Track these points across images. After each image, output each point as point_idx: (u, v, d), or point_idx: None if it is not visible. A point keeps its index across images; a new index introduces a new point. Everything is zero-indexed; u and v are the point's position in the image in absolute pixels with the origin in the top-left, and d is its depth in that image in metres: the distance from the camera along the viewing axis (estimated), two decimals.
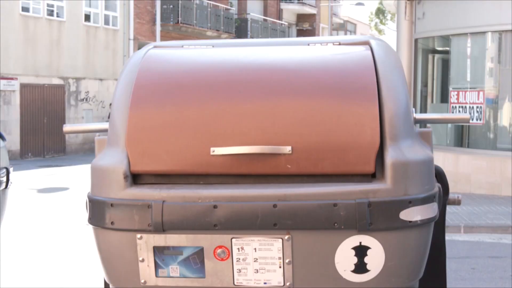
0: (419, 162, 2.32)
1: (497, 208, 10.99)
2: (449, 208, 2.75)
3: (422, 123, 2.71)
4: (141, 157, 2.33)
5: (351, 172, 2.30)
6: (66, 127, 2.75)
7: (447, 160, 12.81)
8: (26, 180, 15.75)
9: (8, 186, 5.83)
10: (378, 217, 2.24)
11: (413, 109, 2.55)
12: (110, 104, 2.86)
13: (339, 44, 2.70)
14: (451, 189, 2.71)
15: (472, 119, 12.87)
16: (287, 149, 2.28)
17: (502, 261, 8.01)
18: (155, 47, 2.73)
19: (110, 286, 2.51)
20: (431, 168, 2.38)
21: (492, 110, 13.50)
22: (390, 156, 2.28)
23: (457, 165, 12.93)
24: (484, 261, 8.04)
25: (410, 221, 2.26)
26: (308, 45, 2.71)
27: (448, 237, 2.66)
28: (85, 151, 23.27)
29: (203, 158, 2.31)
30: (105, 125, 2.60)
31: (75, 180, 15.95)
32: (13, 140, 20.68)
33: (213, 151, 2.30)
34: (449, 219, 9.59)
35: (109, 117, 2.51)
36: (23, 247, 8.70)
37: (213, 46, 2.74)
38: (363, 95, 2.35)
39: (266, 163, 2.30)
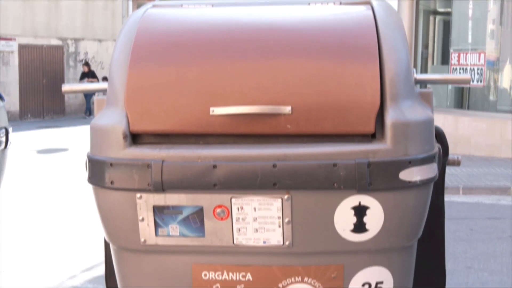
0: (419, 122, 2.32)
1: (496, 170, 11.02)
2: (448, 170, 2.76)
3: (423, 83, 2.70)
4: (141, 116, 2.33)
5: (351, 132, 2.29)
6: (65, 87, 2.74)
7: (447, 122, 12.80)
8: (26, 141, 15.76)
9: (8, 146, 5.84)
10: (378, 177, 2.24)
11: (414, 70, 2.54)
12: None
13: (340, 3, 2.68)
14: (450, 151, 2.70)
15: (473, 81, 12.83)
16: (287, 109, 2.27)
17: (500, 222, 8.06)
18: (154, 6, 2.71)
19: (110, 245, 2.52)
20: (431, 129, 2.38)
21: (492, 72, 13.46)
22: (390, 117, 2.27)
23: (457, 127, 12.93)
24: (482, 222, 8.08)
25: (409, 181, 2.26)
26: (309, 4, 2.69)
27: (447, 198, 2.68)
28: (85, 112, 23.25)
29: (203, 118, 2.31)
30: (104, 85, 2.59)
31: (74, 141, 15.96)
32: (12, 101, 20.65)
33: (213, 111, 2.30)
34: (448, 181, 9.62)
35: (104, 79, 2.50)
36: (23, 207, 8.74)
37: (212, 6, 2.71)
38: (364, 55, 2.33)
39: (266, 123, 2.29)
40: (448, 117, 13.05)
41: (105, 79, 22.71)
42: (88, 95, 22.36)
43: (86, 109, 23.09)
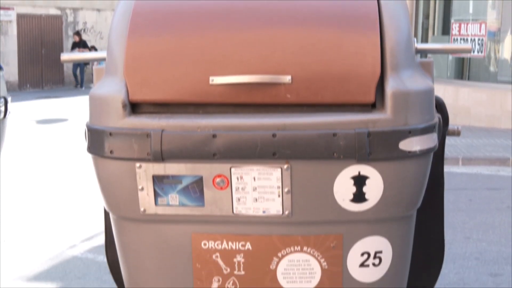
0: (419, 92, 2.30)
1: (496, 141, 11.03)
2: (447, 141, 2.77)
3: (424, 53, 2.68)
4: (140, 86, 2.32)
5: (351, 102, 2.28)
6: (64, 56, 2.73)
7: (447, 92, 12.77)
8: (25, 111, 15.74)
9: (7, 116, 5.83)
10: (378, 147, 2.23)
11: (415, 39, 2.52)
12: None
13: None
14: (450, 122, 2.70)
15: (473, 52, 12.79)
16: (287, 78, 2.26)
17: (499, 192, 8.08)
18: None
19: (110, 214, 2.52)
20: (431, 98, 2.37)
21: (493, 43, 13.40)
22: (390, 86, 2.26)
23: (457, 97, 12.90)
24: (481, 193, 8.11)
25: (409, 151, 2.26)
26: None
27: (446, 169, 2.68)
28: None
29: (202, 87, 2.30)
30: (103, 54, 2.57)
31: (73, 111, 15.94)
32: (11, 71, 20.59)
33: (212, 80, 2.28)
34: (447, 151, 9.63)
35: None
36: (23, 177, 8.75)
37: None
38: (364, 23, 2.32)
39: (265, 92, 2.28)
40: (448, 87, 13.02)
41: (93, 48, 22.62)
42: (76, 66, 22.25)
43: (76, 80, 22.94)
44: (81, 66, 22.41)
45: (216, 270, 2.42)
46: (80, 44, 22.16)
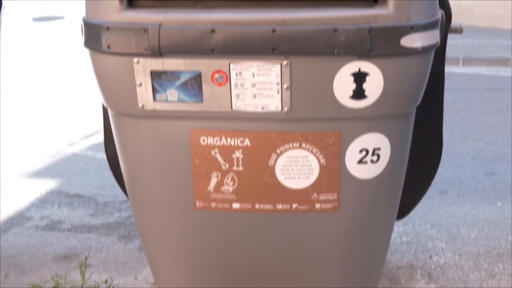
0: None
1: (497, 41, 10.92)
2: (448, 41, 2.72)
3: None
4: None
5: None
6: None
7: None
8: (21, 9, 15.50)
9: (1, 11, 5.72)
10: (379, 43, 2.20)
11: None
12: None
13: None
14: (452, 22, 2.65)
15: None
16: None
17: (498, 93, 8.07)
18: None
19: (109, 110, 2.52)
20: None
21: None
22: None
23: None
24: (480, 93, 8.10)
25: (410, 48, 2.23)
26: None
27: (446, 69, 2.65)
28: None
29: None
30: None
31: (70, 9, 15.70)
32: None
33: None
34: (448, 52, 9.55)
35: None
36: (21, 75, 8.71)
37: None
38: None
39: None
40: None
41: None
42: None
43: None
44: None
45: (215, 166, 2.43)
46: None
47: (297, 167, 2.41)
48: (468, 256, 3.79)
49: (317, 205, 2.47)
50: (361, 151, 2.40)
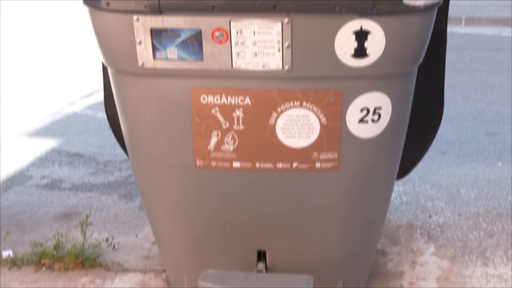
0: None
1: (500, 1, 10.83)
2: (451, 0, 2.70)
3: None
4: None
5: None
6: None
7: None
8: None
9: None
10: (381, 1, 2.18)
11: None
12: None
13: None
14: None
15: None
16: None
17: (500, 53, 8.03)
18: None
19: (109, 69, 2.50)
20: None
21: None
22: None
23: None
24: (482, 53, 8.06)
25: (413, 6, 2.20)
26: None
27: (448, 29, 2.62)
28: None
29: None
30: None
31: None
32: None
33: None
34: (450, 11, 9.47)
35: None
36: (21, 34, 8.65)
37: None
38: None
39: None
40: None
41: None
42: None
43: None
44: None
45: (215, 124, 2.42)
46: None
47: (297, 126, 2.40)
48: (468, 215, 3.80)
49: (318, 164, 2.47)
50: (362, 110, 2.39)
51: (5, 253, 3.41)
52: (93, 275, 3.22)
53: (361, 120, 2.41)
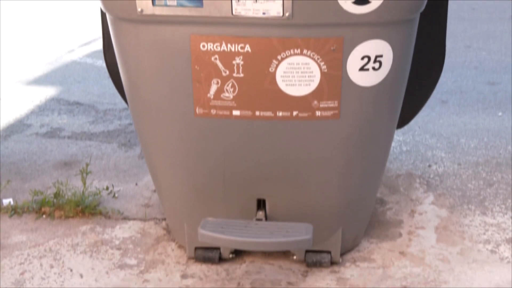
0: None
1: None
2: None
3: None
4: None
5: None
6: None
7: None
8: None
9: None
10: None
11: None
12: None
13: None
14: None
15: None
16: None
17: (502, 2, 7.95)
18: None
19: (107, 16, 2.47)
20: None
21: None
22: None
23: None
24: (484, 2, 7.97)
25: None
26: None
27: None
28: None
29: None
30: None
31: None
32: None
33: None
34: None
35: None
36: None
37: None
38: None
39: None
40: None
41: None
42: None
43: None
44: None
45: (215, 72, 2.41)
46: None
47: (298, 74, 2.39)
48: (467, 165, 3.81)
49: (318, 113, 2.46)
50: (363, 58, 2.37)
51: (5, 201, 3.43)
52: (94, 223, 3.24)
53: (362, 68, 2.39)
